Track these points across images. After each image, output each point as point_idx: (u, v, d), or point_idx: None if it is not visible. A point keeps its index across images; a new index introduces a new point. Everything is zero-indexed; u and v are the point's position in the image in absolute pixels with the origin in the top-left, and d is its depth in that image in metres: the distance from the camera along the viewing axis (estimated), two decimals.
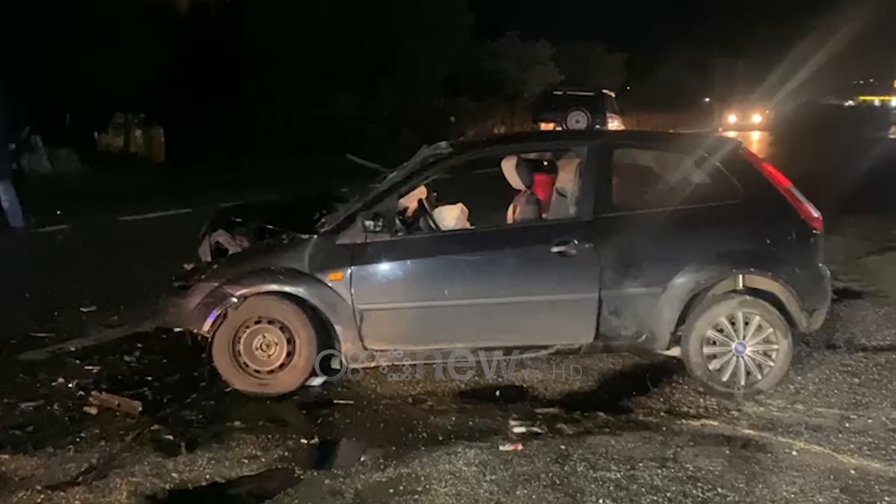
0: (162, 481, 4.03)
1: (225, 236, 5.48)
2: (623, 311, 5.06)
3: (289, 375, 5.11)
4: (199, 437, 4.55)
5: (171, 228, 10.40)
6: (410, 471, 4.09)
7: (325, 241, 5.08)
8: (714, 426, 4.72)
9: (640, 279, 5.04)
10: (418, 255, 5.12)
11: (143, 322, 6.40)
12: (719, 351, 5.09)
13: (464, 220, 5.64)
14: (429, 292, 5.09)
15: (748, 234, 5.15)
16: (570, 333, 5.12)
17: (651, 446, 4.38)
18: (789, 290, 5.07)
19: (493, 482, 3.97)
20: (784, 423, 4.72)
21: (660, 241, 5.11)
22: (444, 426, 4.72)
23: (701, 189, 5.31)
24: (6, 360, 5.78)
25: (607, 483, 3.96)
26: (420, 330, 5.11)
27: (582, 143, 5.43)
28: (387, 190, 5.20)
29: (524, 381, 5.45)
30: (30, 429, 4.65)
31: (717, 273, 5.08)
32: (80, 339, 6.26)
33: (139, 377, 5.44)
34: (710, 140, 5.57)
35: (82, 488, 3.93)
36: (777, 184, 5.22)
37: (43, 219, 11.32)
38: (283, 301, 5.07)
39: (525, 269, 5.11)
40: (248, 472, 4.17)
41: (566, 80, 38.27)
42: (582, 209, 5.14)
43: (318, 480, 4.03)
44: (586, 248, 5.00)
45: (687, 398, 5.13)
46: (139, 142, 23.10)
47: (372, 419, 4.88)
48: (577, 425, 4.72)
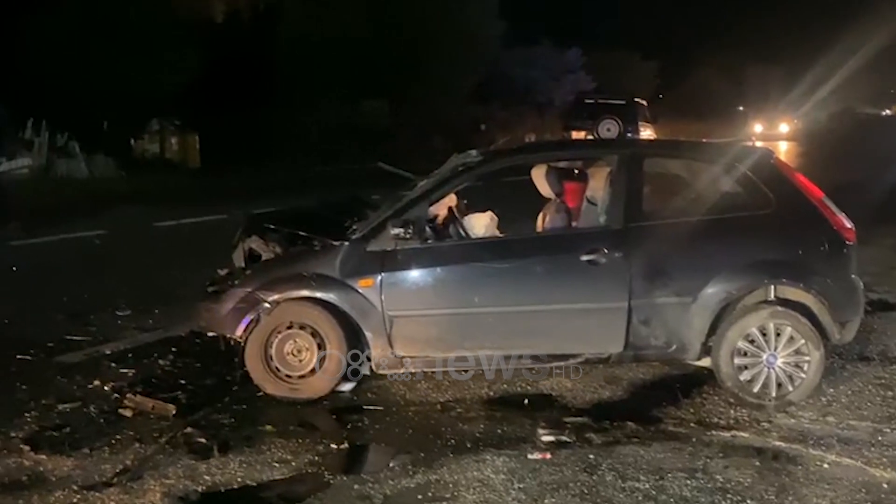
0: (194, 483, 4.09)
1: (258, 242, 5.55)
2: (653, 321, 5.06)
3: (319, 380, 5.17)
4: (231, 440, 4.62)
5: (205, 233, 10.54)
6: (439, 477, 4.11)
7: (356, 247, 5.13)
8: (744, 437, 4.69)
9: (671, 288, 5.04)
10: (448, 263, 5.16)
11: (177, 326, 6.50)
12: (750, 362, 5.06)
13: (493, 228, 5.66)
14: (458, 299, 5.13)
15: (780, 244, 5.12)
16: (599, 342, 5.13)
17: (680, 457, 4.36)
18: (821, 301, 5.03)
19: (522, 490, 3.98)
20: (815, 436, 4.68)
21: (690, 250, 5.10)
22: (473, 433, 4.74)
23: (732, 198, 5.29)
24: (43, 362, 5.91)
25: (636, 493, 3.96)
26: (449, 337, 5.14)
27: (612, 152, 5.46)
28: (417, 197, 5.25)
29: (553, 389, 5.45)
30: (66, 430, 4.75)
31: (748, 283, 5.06)
32: (116, 342, 6.39)
33: (173, 380, 5.53)
34: (741, 149, 5.55)
35: (117, 489, 4.00)
36: (809, 194, 5.19)
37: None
38: (315, 307, 5.14)
39: (554, 278, 5.13)
40: (278, 475, 4.22)
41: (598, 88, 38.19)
42: (612, 218, 5.15)
43: (347, 485, 4.07)
44: (616, 256, 5.01)
45: (717, 409, 5.10)
46: (174, 148, 23.49)
47: (401, 425, 4.92)
48: (605, 435, 4.71)
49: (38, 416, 4.94)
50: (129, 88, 20.36)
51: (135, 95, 20.67)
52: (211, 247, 6.88)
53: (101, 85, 19.91)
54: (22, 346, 6.16)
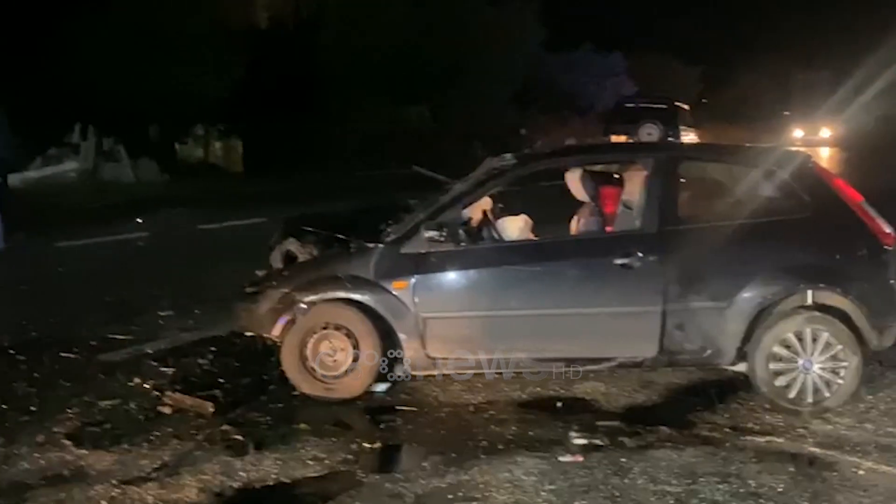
0: (230, 479, 4.17)
1: (295, 245, 5.64)
2: (687, 325, 5.04)
3: (354, 381, 5.23)
4: (267, 438, 4.70)
5: (246, 236, 10.68)
6: (470, 478, 4.13)
7: (391, 250, 5.19)
8: (779, 443, 4.65)
9: (706, 293, 5.02)
10: (481, 265, 5.20)
11: (217, 326, 6.61)
12: (786, 367, 5.02)
13: (527, 232, 5.68)
14: (491, 302, 5.16)
15: (817, 249, 5.08)
16: (632, 347, 5.12)
17: (714, 461, 4.32)
18: (859, 307, 4.98)
19: (552, 492, 3.98)
20: (852, 442, 4.63)
21: (726, 254, 5.08)
22: (504, 435, 4.76)
23: (769, 203, 5.25)
24: (86, 360, 6.06)
25: (667, 497, 3.94)
26: (482, 339, 5.17)
27: (648, 156, 5.43)
28: (451, 201, 5.30)
29: (586, 393, 5.45)
30: (107, 426, 4.87)
31: (784, 288, 5.01)
32: (157, 341, 6.51)
33: (211, 379, 5.63)
34: (778, 153, 5.50)
35: (155, 484, 4.09)
36: (848, 198, 5.14)
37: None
38: (350, 308, 5.20)
39: (588, 281, 5.14)
40: (312, 473, 4.29)
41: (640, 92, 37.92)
42: (647, 221, 5.14)
43: (379, 484, 4.12)
44: (650, 260, 5.00)
45: (753, 414, 5.07)
46: (218, 153, 23.85)
47: (433, 426, 4.96)
48: (638, 439, 4.69)
49: (80, 412, 5.07)
50: (175, 94, 20.73)
51: (180, 101, 21.04)
52: (251, 249, 6.97)
53: (147, 90, 20.30)
54: (66, 345, 6.33)
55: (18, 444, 4.57)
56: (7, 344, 6.39)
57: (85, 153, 19.30)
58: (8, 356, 6.12)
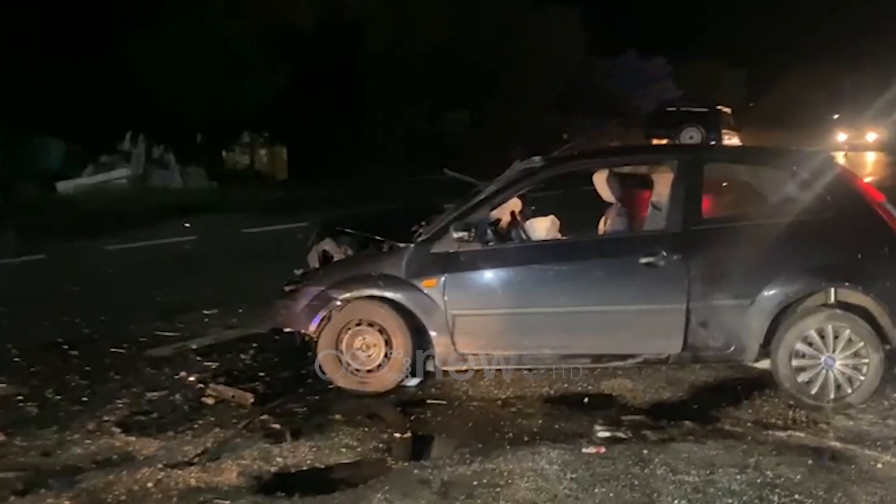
0: (267, 464, 4.42)
1: (331, 245, 5.87)
2: (711, 323, 5.15)
3: (386, 375, 5.44)
4: (303, 427, 4.94)
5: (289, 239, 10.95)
6: (494, 466, 4.30)
7: (421, 249, 5.40)
8: (800, 437, 4.75)
9: (729, 291, 5.13)
10: (508, 264, 5.37)
11: (259, 324, 6.84)
12: (808, 364, 5.11)
13: (555, 232, 5.84)
14: (518, 299, 5.33)
15: (839, 248, 5.16)
16: (657, 344, 5.25)
17: (734, 454, 4.43)
18: (881, 305, 5.05)
19: (573, 480, 4.13)
20: (873, 437, 4.71)
21: (749, 254, 5.18)
22: (530, 428, 4.93)
23: (792, 203, 5.34)
24: (135, 355, 6.37)
25: (685, 486, 4.07)
26: (510, 336, 5.35)
27: (673, 157, 5.56)
28: (479, 202, 5.49)
29: (613, 389, 5.58)
30: (154, 415, 5.16)
31: (806, 286, 5.11)
32: (202, 338, 6.81)
33: (252, 373, 5.91)
34: (801, 154, 5.60)
35: (197, 468, 4.35)
36: (870, 199, 5.22)
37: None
38: (382, 305, 5.41)
39: (613, 280, 5.29)
40: (345, 459, 4.52)
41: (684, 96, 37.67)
42: (671, 221, 5.27)
43: (408, 470, 4.31)
44: (675, 259, 5.12)
45: (776, 410, 5.16)
46: (263, 160, 24.23)
47: (462, 418, 5.15)
48: (661, 432, 4.82)
49: (128, 402, 5.36)
50: (222, 102, 21.22)
51: (227, 109, 21.51)
52: (292, 251, 7.24)
53: (195, 98, 20.82)
54: (116, 341, 6.66)
55: (71, 432, 4.86)
56: (61, 340, 6.73)
57: (135, 160, 19.81)
58: (61, 351, 6.46)
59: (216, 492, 4.09)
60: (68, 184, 18.41)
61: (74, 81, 20.32)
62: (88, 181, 18.89)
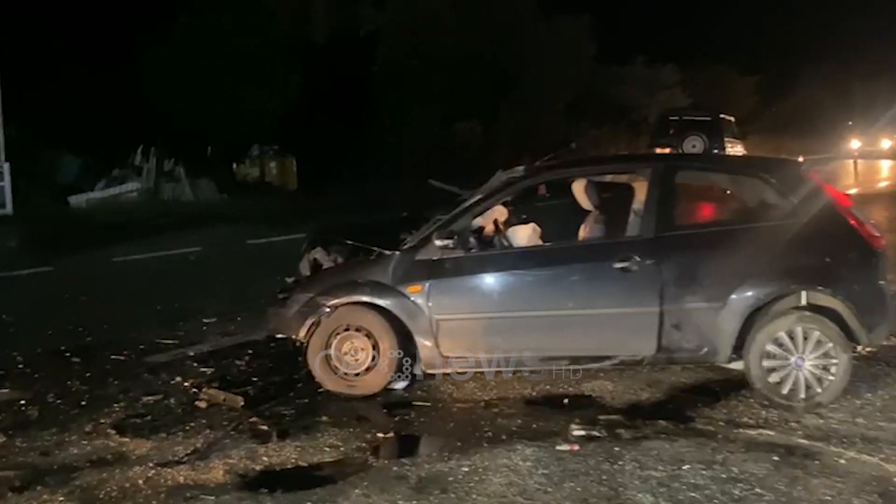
0: (253, 463, 4.63)
1: (321, 253, 6.08)
2: (684, 325, 5.32)
3: (373, 378, 5.64)
4: (290, 428, 5.14)
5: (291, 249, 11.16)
6: (471, 463, 4.48)
7: (406, 256, 5.60)
8: (769, 435, 4.90)
9: (701, 294, 5.30)
10: (490, 270, 5.56)
11: (256, 332, 7.08)
12: (779, 364, 5.26)
13: (536, 239, 6.02)
14: (500, 304, 5.53)
15: (809, 252, 5.32)
16: (632, 346, 5.42)
17: (703, 451, 4.59)
18: (849, 307, 5.20)
19: (544, 475, 4.31)
20: (840, 435, 4.86)
21: (720, 258, 5.35)
22: (509, 427, 5.11)
23: (762, 209, 5.52)
24: (135, 361, 6.63)
25: (651, 480, 4.24)
26: (492, 339, 5.53)
27: (647, 166, 5.75)
28: (462, 211, 5.69)
29: (593, 390, 5.75)
30: (148, 418, 5.39)
31: (775, 289, 5.28)
32: (200, 345, 7.06)
33: (246, 378, 6.14)
34: (770, 162, 5.77)
35: (186, 466, 4.57)
36: (838, 204, 5.38)
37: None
38: (369, 311, 5.62)
39: (590, 284, 5.48)
40: (328, 458, 4.72)
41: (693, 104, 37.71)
42: (645, 227, 5.45)
43: (387, 467, 4.51)
44: (648, 264, 5.30)
45: (750, 410, 5.31)
46: (273, 171, 24.55)
47: (444, 419, 5.34)
48: (635, 431, 4.99)
49: (124, 406, 5.60)
50: (233, 115, 21.55)
51: (238, 122, 21.85)
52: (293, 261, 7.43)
53: (206, 112, 21.16)
54: (117, 348, 6.93)
55: (69, 433, 5.10)
56: (64, 348, 6.99)
57: (147, 174, 20.19)
58: (64, 358, 6.72)
59: (202, 489, 4.29)
60: (80, 198, 18.80)
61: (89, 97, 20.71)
62: (100, 195, 19.27)
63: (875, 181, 25.26)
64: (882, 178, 26.31)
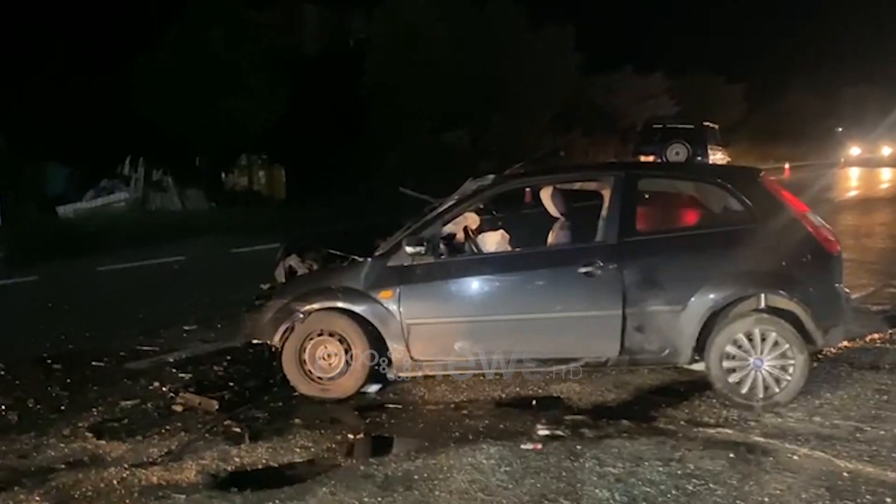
0: (225, 464, 4.77)
1: (296, 260, 6.24)
2: (646, 327, 5.49)
3: (347, 382, 5.79)
4: (263, 430, 5.29)
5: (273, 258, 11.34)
6: (436, 461, 4.63)
7: (378, 263, 5.75)
8: (728, 434, 5.06)
9: (662, 297, 5.46)
10: (459, 275, 5.72)
11: (234, 338, 7.15)
12: (738, 365, 5.43)
13: (504, 245, 6.20)
14: (469, 309, 5.68)
15: (765, 256, 5.50)
16: (596, 348, 5.58)
17: (662, 449, 4.76)
18: (805, 309, 5.38)
19: (506, 473, 4.46)
20: (795, 433, 5.01)
21: (680, 262, 5.52)
22: (477, 428, 5.26)
23: (720, 214, 5.70)
24: (114, 368, 6.76)
25: (608, 476, 4.39)
26: (461, 342, 5.67)
27: (609, 174, 5.92)
28: (432, 218, 5.85)
29: (561, 392, 5.91)
30: (125, 421, 5.52)
31: (734, 292, 5.44)
32: (179, 351, 7.20)
33: (222, 383, 6.26)
34: (727, 169, 5.95)
35: (160, 467, 4.71)
36: (793, 209, 5.56)
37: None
38: (342, 316, 5.77)
39: (556, 288, 5.63)
40: (298, 459, 4.86)
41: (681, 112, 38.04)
42: (608, 233, 5.62)
43: (354, 467, 4.66)
44: (611, 268, 5.47)
45: (711, 410, 5.47)
46: (262, 181, 24.76)
47: (414, 420, 5.50)
48: (598, 430, 5.15)
49: (102, 410, 5.74)
50: (222, 126, 21.69)
51: (227, 132, 21.98)
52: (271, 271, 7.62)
53: (195, 123, 21.30)
54: (98, 355, 7.06)
55: (47, 437, 5.23)
56: (45, 355, 7.12)
57: (135, 184, 20.32)
58: (45, 365, 6.84)
59: (175, 488, 4.43)
60: (68, 208, 18.93)
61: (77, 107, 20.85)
62: (88, 205, 19.39)
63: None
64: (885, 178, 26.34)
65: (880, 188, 26.91)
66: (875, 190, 25.89)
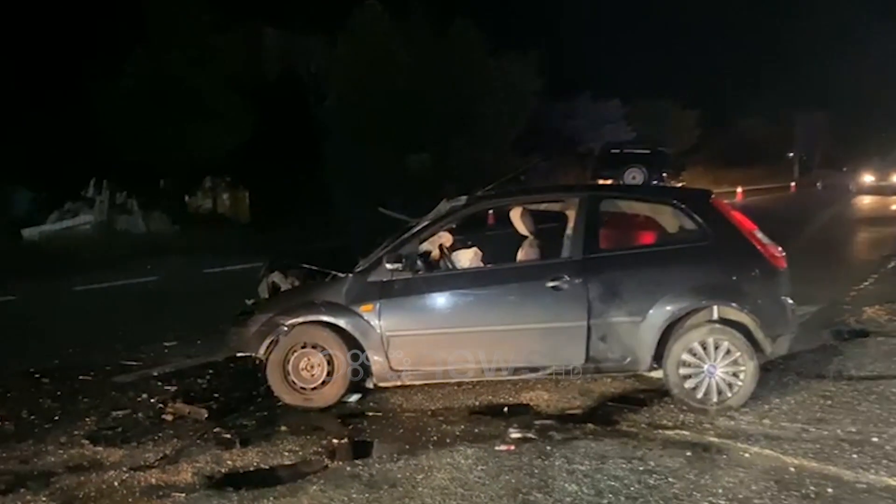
0: (219, 466, 5.08)
1: (279, 276, 6.57)
2: (609, 337, 5.91)
3: (329, 391, 6.12)
4: (252, 437, 5.60)
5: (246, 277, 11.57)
6: (418, 462, 4.98)
7: (359, 278, 6.11)
8: (685, 435, 5.47)
9: (624, 309, 5.89)
10: (436, 290, 6.10)
11: (215, 353, 7.47)
12: (693, 372, 5.87)
13: (477, 261, 6.60)
14: (445, 321, 6.06)
15: (716, 271, 5.97)
16: (563, 357, 5.98)
17: (625, 449, 5.15)
18: (754, 319, 5.85)
19: (483, 471, 4.82)
20: (747, 434, 5.44)
21: (639, 277, 5.96)
22: (453, 432, 5.62)
23: (676, 232, 6.17)
24: (102, 381, 7.03)
25: (576, 472, 4.77)
26: (438, 353, 6.04)
27: (574, 195, 6.37)
28: (409, 236, 6.23)
29: (531, 399, 6.31)
30: (119, 430, 5.81)
31: (688, 304, 5.89)
32: (163, 366, 7.48)
33: (208, 394, 6.58)
34: (681, 190, 6.43)
35: (157, 470, 5.01)
36: (742, 227, 6.05)
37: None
38: (324, 329, 6.11)
39: (525, 301, 6.03)
40: (287, 461, 5.18)
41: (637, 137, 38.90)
42: (573, 250, 6.05)
43: (341, 468, 4.99)
44: (576, 283, 5.89)
45: (670, 414, 5.88)
46: (226, 203, 24.88)
47: (394, 426, 5.84)
48: (566, 433, 5.53)
49: (96, 420, 6.01)
50: (186, 149, 21.85)
51: (191, 155, 22.14)
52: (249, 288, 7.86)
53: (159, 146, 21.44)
54: (84, 369, 7.32)
55: (46, 444, 5.50)
56: (33, 370, 7.35)
57: (99, 206, 20.38)
58: (34, 380, 7.09)
59: (174, 488, 4.73)
60: (34, 230, 18.94)
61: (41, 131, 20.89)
62: (53, 227, 19.41)
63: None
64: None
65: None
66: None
